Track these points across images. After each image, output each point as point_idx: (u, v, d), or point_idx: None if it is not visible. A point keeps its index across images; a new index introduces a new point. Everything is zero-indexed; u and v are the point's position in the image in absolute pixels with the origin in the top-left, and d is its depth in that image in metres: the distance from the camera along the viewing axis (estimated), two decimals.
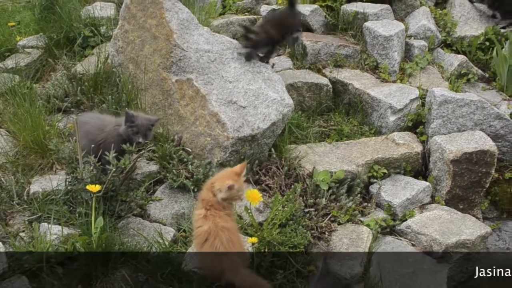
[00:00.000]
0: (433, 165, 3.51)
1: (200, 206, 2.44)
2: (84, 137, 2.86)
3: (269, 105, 3.23)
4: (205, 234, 2.35)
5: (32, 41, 4.20)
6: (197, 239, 2.41)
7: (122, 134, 2.83)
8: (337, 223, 3.09)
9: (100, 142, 2.88)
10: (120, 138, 2.84)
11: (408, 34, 4.37)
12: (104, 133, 2.92)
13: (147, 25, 3.39)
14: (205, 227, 2.36)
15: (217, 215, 2.38)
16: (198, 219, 2.40)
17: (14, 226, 2.79)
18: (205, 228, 2.35)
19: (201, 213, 2.39)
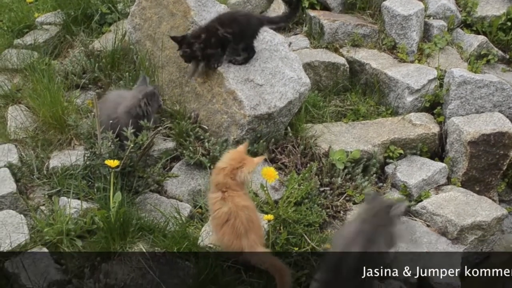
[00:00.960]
0: (450, 147, 3.49)
1: (215, 190, 2.44)
2: (103, 114, 2.89)
3: (286, 83, 3.23)
4: (225, 216, 2.37)
5: (50, 17, 4.21)
6: (216, 221, 2.42)
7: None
8: (352, 203, 3.10)
9: (115, 119, 2.92)
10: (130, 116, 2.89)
11: (427, 13, 4.29)
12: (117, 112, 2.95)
13: (165, 2, 3.39)
14: (225, 208, 2.37)
15: (235, 195, 2.39)
16: (215, 201, 2.41)
17: (34, 199, 2.85)
18: (225, 210, 2.37)
19: (218, 196, 2.40)
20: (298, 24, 4.34)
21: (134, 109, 2.92)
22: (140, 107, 2.91)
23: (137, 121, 2.86)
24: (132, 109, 2.92)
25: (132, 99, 2.95)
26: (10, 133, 3.23)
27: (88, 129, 2.93)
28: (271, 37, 3.44)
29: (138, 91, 2.98)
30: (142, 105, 2.91)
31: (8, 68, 3.75)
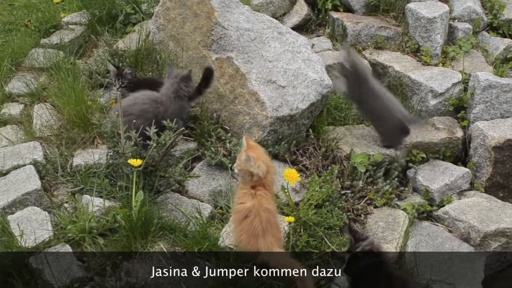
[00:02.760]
0: (474, 151, 3.44)
1: (246, 185, 2.44)
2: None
3: (308, 85, 3.22)
4: (246, 211, 2.37)
5: (76, 17, 4.27)
6: (237, 215, 2.43)
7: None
8: (373, 206, 3.08)
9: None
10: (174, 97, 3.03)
11: (452, 16, 4.25)
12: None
13: (189, 2, 3.40)
14: (249, 204, 2.37)
15: (264, 195, 2.40)
16: (242, 196, 2.42)
17: (58, 197, 2.88)
18: (248, 205, 2.37)
19: (247, 191, 2.41)
20: (321, 26, 4.34)
21: (177, 91, 3.02)
22: (181, 89, 3.02)
23: (181, 103, 2.99)
24: (175, 91, 3.01)
25: (173, 83, 3.03)
26: (35, 131, 3.27)
27: (111, 128, 2.95)
28: (294, 38, 3.45)
29: (174, 76, 3.05)
30: (183, 87, 3.02)
31: (35, 67, 3.82)
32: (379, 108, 3.22)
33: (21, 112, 3.47)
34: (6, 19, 4.55)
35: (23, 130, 3.33)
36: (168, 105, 3.01)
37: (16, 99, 3.59)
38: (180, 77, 3.05)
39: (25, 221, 2.63)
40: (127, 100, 3.00)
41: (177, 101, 3.04)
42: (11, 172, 2.96)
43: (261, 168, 2.40)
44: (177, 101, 3.04)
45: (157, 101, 3.01)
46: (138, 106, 2.97)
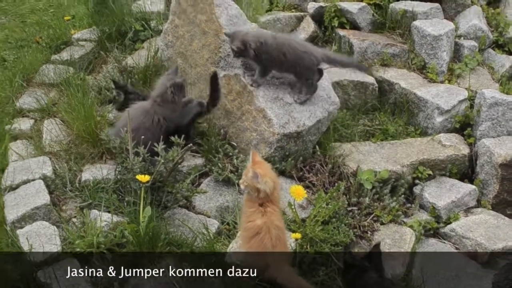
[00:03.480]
0: (480, 169, 3.44)
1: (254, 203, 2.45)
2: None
3: (315, 102, 3.25)
4: (256, 229, 2.38)
5: (86, 34, 4.34)
6: (247, 232, 2.44)
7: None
8: (380, 223, 3.08)
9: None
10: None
11: (458, 33, 4.28)
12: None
13: (197, 20, 3.45)
14: (259, 221, 2.38)
15: (273, 212, 2.41)
16: (251, 214, 2.43)
17: (67, 211, 2.91)
18: (259, 223, 2.38)
19: (256, 209, 2.42)
20: (328, 43, 4.37)
21: (162, 95, 3.06)
22: (169, 93, 3.05)
23: (171, 106, 3.03)
24: (160, 94, 3.06)
25: (161, 86, 3.08)
26: (45, 146, 3.32)
27: (120, 144, 2.98)
28: None
29: (166, 79, 3.09)
30: (169, 92, 3.04)
31: (45, 82, 3.88)
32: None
33: (31, 127, 3.52)
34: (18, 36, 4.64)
35: (33, 145, 3.37)
36: (160, 111, 3.05)
37: (26, 114, 3.65)
38: (171, 83, 3.07)
39: (34, 235, 2.65)
40: (122, 120, 3.07)
41: (165, 105, 3.07)
42: (21, 187, 2.99)
43: (268, 184, 2.42)
44: (166, 105, 3.07)
45: (149, 111, 3.05)
46: (134, 120, 3.01)
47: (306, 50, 3.12)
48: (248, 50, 3.05)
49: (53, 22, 4.58)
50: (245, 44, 3.03)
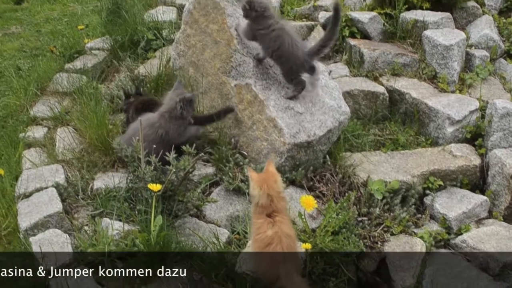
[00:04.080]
0: (492, 179, 3.42)
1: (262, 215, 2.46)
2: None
3: (325, 112, 3.26)
4: (268, 239, 2.39)
5: (99, 43, 4.40)
6: (258, 244, 2.44)
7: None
8: (390, 234, 3.07)
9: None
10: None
11: (469, 43, 4.28)
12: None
13: (209, 30, 3.48)
14: (270, 232, 2.39)
15: (283, 221, 2.42)
16: (261, 225, 2.43)
17: (79, 219, 2.94)
18: (270, 234, 2.39)
19: (265, 220, 2.43)
20: (338, 53, 4.39)
21: (171, 111, 3.07)
22: (178, 108, 3.06)
23: (178, 122, 3.05)
24: (169, 110, 3.08)
25: (169, 102, 3.10)
26: (58, 154, 3.36)
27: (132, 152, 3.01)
28: None
29: (175, 94, 3.10)
30: (178, 108, 3.06)
31: (59, 91, 3.94)
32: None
33: (45, 135, 3.57)
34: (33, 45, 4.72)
35: (46, 153, 3.41)
36: (166, 126, 3.07)
37: (40, 122, 3.70)
38: (180, 98, 3.09)
39: (46, 243, 2.68)
40: (129, 132, 3.12)
41: (173, 121, 3.09)
42: (34, 194, 3.03)
43: (255, 191, 2.43)
44: (173, 121, 3.09)
45: (155, 125, 3.07)
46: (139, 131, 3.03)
47: (299, 49, 3.14)
48: (251, 12, 3.10)
49: (67, 31, 4.66)
50: (250, 4, 3.08)
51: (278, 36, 3.10)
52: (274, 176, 2.50)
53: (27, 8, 5.93)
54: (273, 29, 3.11)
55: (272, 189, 2.46)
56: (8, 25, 5.45)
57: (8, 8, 5.93)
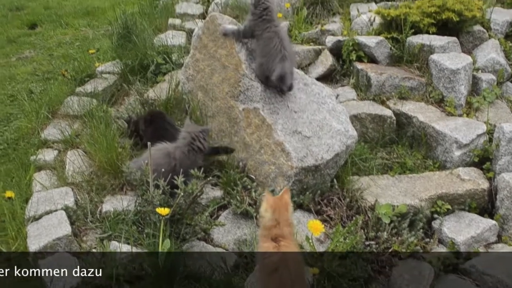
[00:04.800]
0: (500, 203, 3.40)
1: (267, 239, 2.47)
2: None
3: (333, 136, 3.28)
4: (273, 265, 2.38)
5: (109, 67, 4.47)
6: (265, 269, 2.44)
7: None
8: (398, 258, 3.05)
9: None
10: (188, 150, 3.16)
11: (476, 67, 4.30)
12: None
13: (217, 55, 3.54)
14: (276, 257, 2.39)
15: (288, 245, 2.42)
16: (266, 249, 2.44)
17: (87, 242, 2.96)
18: (276, 259, 2.39)
19: (270, 245, 2.43)
20: (346, 76, 4.43)
21: (191, 145, 3.13)
22: (198, 140, 3.13)
23: (194, 157, 3.10)
24: (188, 144, 3.13)
25: (187, 137, 3.15)
26: (68, 177, 3.40)
27: (140, 176, 3.04)
28: (319, 89, 3.52)
29: (193, 128, 3.17)
30: (201, 139, 3.13)
31: (69, 114, 3.99)
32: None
33: (55, 158, 3.61)
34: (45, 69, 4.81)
35: (56, 176, 3.45)
36: (181, 159, 3.11)
37: (51, 145, 3.75)
38: (197, 132, 3.17)
39: (55, 266, 2.70)
40: (143, 158, 3.14)
41: (190, 155, 3.14)
42: (44, 217, 3.06)
43: (264, 212, 2.44)
44: (191, 155, 3.14)
45: (170, 156, 3.12)
46: (153, 161, 3.05)
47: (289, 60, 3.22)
48: (254, 4, 3.22)
49: (78, 55, 4.74)
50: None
51: (270, 38, 3.19)
52: (287, 205, 2.50)
53: (40, 33, 6.06)
54: (268, 31, 3.20)
55: (282, 214, 2.46)
56: (22, 49, 5.57)
57: (22, 33, 6.06)
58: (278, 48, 3.17)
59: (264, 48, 3.22)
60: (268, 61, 3.21)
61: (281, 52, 3.17)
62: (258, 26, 3.25)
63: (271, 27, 3.21)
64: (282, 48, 3.17)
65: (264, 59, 3.24)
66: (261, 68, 3.29)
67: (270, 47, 3.18)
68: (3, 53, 5.51)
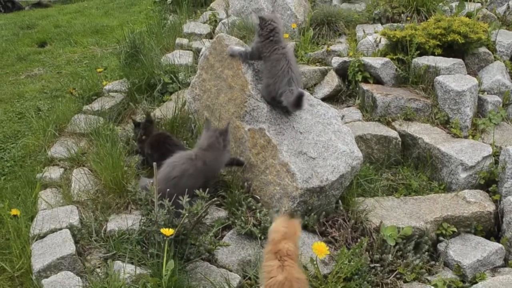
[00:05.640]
0: (507, 226, 3.38)
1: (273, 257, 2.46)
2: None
3: (338, 157, 3.28)
4: (279, 285, 2.37)
5: (117, 85, 4.51)
6: None
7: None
8: (403, 281, 3.04)
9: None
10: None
11: (481, 88, 4.31)
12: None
13: (224, 75, 3.57)
14: (280, 277, 2.37)
15: (292, 265, 2.41)
16: (271, 270, 2.43)
17: (91, 261, 2.96)
18: (280, 278, 2.37)
19: (275, 264, 2.42)
20: (351, 97, 4.45)
21: (212, 144, 3.15)
22: (218, 142, 3.16)
23: (216, 153, 3.15)
24: (210, 144, 3.15)
25: (209, 137, 3.18)
26: (73, 195, 3.41)
27: (146, 195, 3.04)
28: (324, 110, 3.54)
29: (213, 131, 3.21)
30: (221, 141, 3.17)
31: (76, 132, 4.02)
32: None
33: (61, 176, 3.63)
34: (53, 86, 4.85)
35: (62, 194, 3.46)
36: (204, 156, 3.12)
37: (57, 163, 3.77)
38: (219, 131, 3.20)
39: (58, 286, 2.70)
40: (165, 168, 3.12)
41: (212, 152, 3.16)
42: (48, 236, 3.06)
43: (271, 229, 2.48)
44: (213, 152, 3.16)
45: (191, 158, 3.13)
46: (178, 168, 3.08)
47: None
48: (261, 25, 3.28)
49: (86, 74, 4.78)
50: (262, 19, 3.28)
51: (277, 60, 3.23)
52: (296, 229, 2.51)
53: (49, 51, 6.14)
54: (276, 53, 3.24)
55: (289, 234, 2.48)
56: (31, 67, 5.64)
57: (32, 51, 6.15)
58: (286, 70, 3.19)
59: (272, 69, 3.24)
60: (276, 83, 3.23)
61: (288, 74, 3.19)
62: (265, 48, 3.28)
63: (278, 49, 3.24)
64: (289, 70, 3.19)
65: (271, 80, 3.26)
66: (268, 89, 3.31)
67: (277, 68, 3.20)
68: (13, 71, 5.58)
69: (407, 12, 5.40)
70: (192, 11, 6.42)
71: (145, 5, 7.92)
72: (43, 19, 7.69)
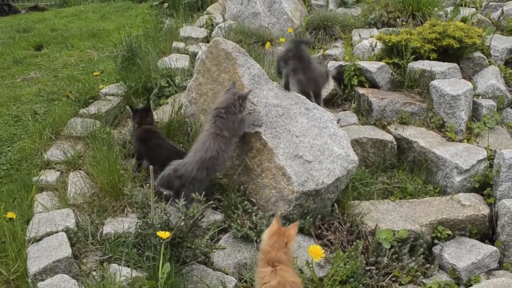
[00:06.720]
0: (501, 229, 3.40)
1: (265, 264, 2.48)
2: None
3: (334, 160, 3.29)
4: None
5: (113, 89, 4.52)
6: None
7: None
8: (399, 284, 3.05)
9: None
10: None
11: (476, 93, 4.34)
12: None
13: (220, 79, 3.58)
14: (274, 282, 2.39)
15: (285, 270, 2.42)
16: (265, 275, 2.44)
17: (87, 264, 2.95)
18: (274, 284, 2.39)
19: (268, 270, 2.44)
20: (347, 101, 4.47)
21: (228, 107, 3.19)
22: (234, 106, 3.20)
23: (233, 117, 3.20)
24: (227, 107, 3.19)
25: (227, 99, 3.22)
26: (69, 198, 3.41)
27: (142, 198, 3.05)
28: (320, 114, 3.56)
29: (232, 93, 3.23)
30: (238, 104, 3.20)
31: (73, 135, 4.02)
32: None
33: (57, 179, 3.63)
34: (50, 90, 4.85)
35: (58, 197, 3.46)
36: (221, 123, 3.18)
37: (53, 166, 3.77)
38: (238, 95, 3.23)
39: None
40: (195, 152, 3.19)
41: (229, 116, 3.19)
42: (44, 239, 3.06)
43: (265, 236, 2.49)
44: (230, 116, 3.19)
45: (209, 131, 3.19)
46: (210, 150, 3.16)
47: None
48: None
49: (82, 77, 4.78)
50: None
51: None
52: (290, 238, 2.52)
53: (46, 54, 6.14)
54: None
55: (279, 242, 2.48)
56: (28, 70, 5.63)
57: (28, 54, 6.14)
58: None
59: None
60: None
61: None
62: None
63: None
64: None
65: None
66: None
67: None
68: (9, 74, 5.58)
69: (402, 17, 5.45)
70: (189, 15, 6.45)
71: (141, 9, 7.94)
72: (39, 22, 7.69)
